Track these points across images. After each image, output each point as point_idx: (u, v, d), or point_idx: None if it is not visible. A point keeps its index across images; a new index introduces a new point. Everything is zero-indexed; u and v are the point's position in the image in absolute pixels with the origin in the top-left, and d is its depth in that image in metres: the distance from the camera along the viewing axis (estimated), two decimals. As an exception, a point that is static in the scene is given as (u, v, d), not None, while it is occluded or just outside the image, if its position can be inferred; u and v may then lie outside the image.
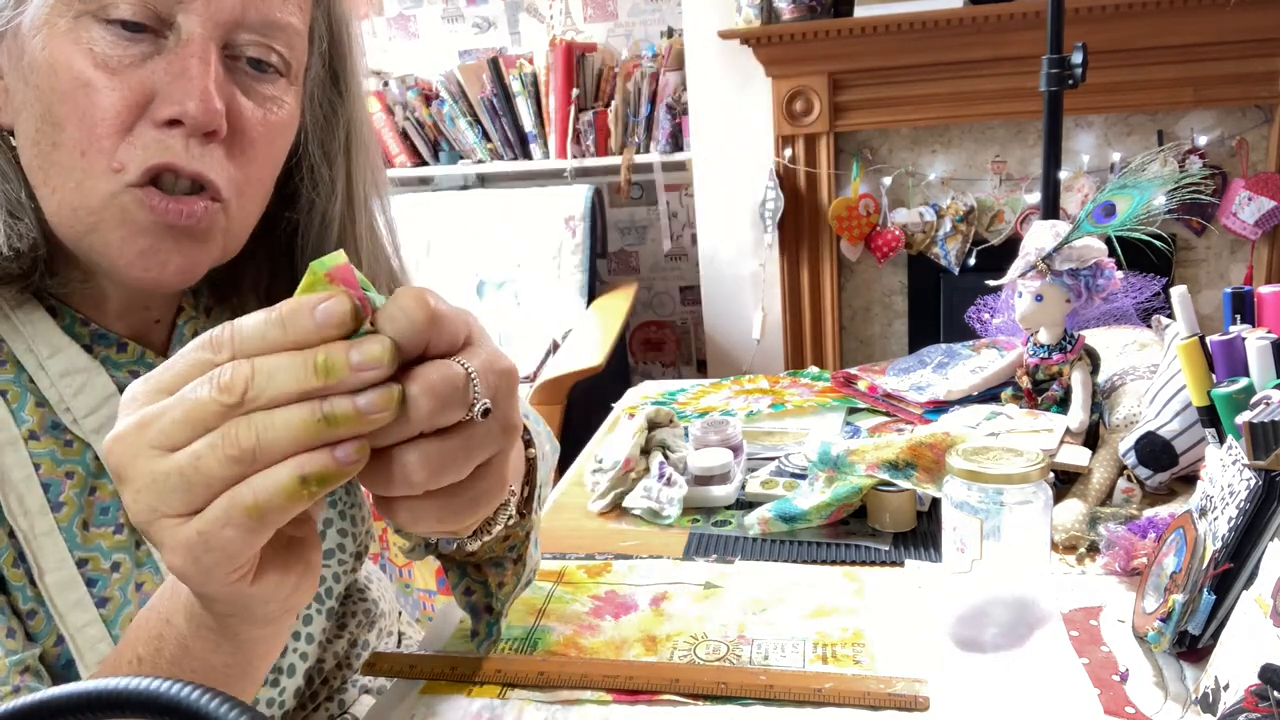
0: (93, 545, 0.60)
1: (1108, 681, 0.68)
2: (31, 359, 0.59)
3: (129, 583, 0.61)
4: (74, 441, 0.60)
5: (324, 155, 0.67)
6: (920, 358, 1.31)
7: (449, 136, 3.17)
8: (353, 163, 0.69)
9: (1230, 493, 0.68)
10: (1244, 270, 2.67)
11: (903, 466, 0.89)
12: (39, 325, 0.60)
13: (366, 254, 0.70)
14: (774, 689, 0.69)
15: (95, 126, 0.54)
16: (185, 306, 0.68)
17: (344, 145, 0.68)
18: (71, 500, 0.59)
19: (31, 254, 0.58)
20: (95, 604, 0.59)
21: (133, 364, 0.64)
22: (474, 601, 0.73)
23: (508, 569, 0.72)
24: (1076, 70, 1.42)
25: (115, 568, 0.60)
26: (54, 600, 0.58)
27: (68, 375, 0.60)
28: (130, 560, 0.61)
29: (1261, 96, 2.48)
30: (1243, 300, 0.83)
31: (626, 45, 3.14)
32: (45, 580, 0.57)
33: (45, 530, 0.58)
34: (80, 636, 0.58)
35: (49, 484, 0.59)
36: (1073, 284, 0.99)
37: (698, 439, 1.09)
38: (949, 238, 2.76)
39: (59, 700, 0.31)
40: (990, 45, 2.52)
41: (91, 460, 0.60)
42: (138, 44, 0.54)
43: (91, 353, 0.62)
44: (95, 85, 0.53)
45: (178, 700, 0.30)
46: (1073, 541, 0.86)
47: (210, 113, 0.54)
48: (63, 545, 0.58)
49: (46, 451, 0.59)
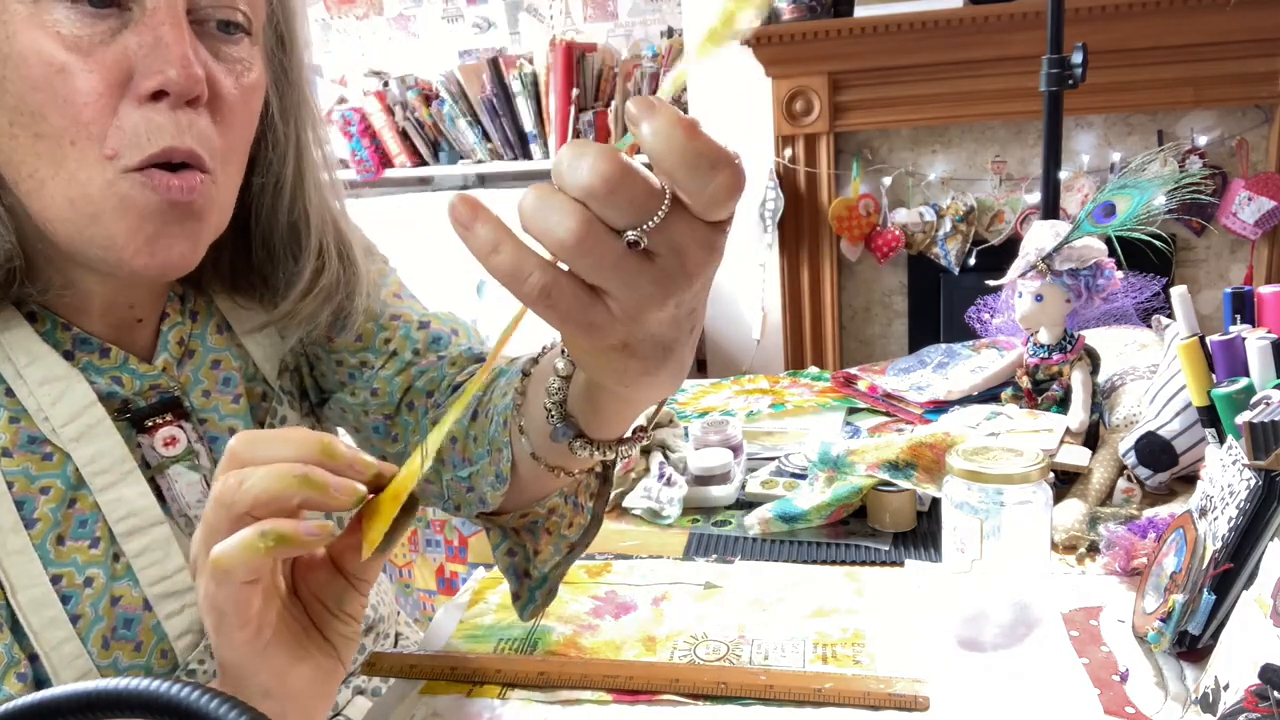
0: (67, 560, 0.59)
1: (1108, 681, 0.68)
2: (9, 368, 0.58)
3: (103, 597, 0.60)
4: (54, 453, 0.59)
5: (281, 115, 0.66)
6: (920, 358, 1.31)
7: (449, 136, 3.17)
8: (301, 120, 0.67)
9: (1230, 493, 0.68)
10: (1244, 270, 2.67)
11: (903, 466, 0.89)
12: (16, 333, 0.59)
13: (315, 209, 0.68)
14: (774, 689, 0.69)
15: (80, 112, 0.52)
16: (170, 312, 0.67)
17: (296, 102, 0.67)
18: (46, 516, 0.58)
19: (6, 265, 0.56)
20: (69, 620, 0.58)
21: (115, 370, 0.62)
22: (515, 563, 0.71)
23: (542, 538, 0.69)
24: (1076, 70, 1.42)
25: (88, 583, 0.59)
26: (28, 618, 0.57)
27: (46, 384, 0.59)
28: (105, 574, 0.60)
29: (1261, 96, 2.48)
30: (1243, 300, 0.83)
31: (626, 45, 3.14)
32: (18, 598, 0.57)
33: (18, 548, 0.57)
34: (55, 655, 0.58)
35: (23, 501, 0.57)
36: (1073, 284, 0.99)
37: (698, 439, 1.09)
38: (949, 238, 2.76)
39: (59, 700, 0.31)
40: (990, 45, 2.51)
41: (71, 472, 0.59)
42: (104, 19, 0.52)
43: (72, 359, 0.61)
44: (70, 69, 0.51)
45: (178, 700, 0.30)
46: (1073, 541, 0.86)
47: (193, 78, 0.53)
48: (36, 563, 0.57)
49: (20, 469, 0.58)
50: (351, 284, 0.70)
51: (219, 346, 0.69)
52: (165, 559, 0.62)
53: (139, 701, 0.30)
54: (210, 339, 0.69)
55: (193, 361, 0.67)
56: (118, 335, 0.64)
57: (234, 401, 0.68)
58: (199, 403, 0.67)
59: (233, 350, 0.70)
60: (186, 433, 0.65)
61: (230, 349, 0.70)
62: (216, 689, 0.30)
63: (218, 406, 0.68)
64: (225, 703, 0.30)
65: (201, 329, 0.69)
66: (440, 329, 0.77)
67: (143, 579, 0.61)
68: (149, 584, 0.61)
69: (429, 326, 0.77)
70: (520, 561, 0.70)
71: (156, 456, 0.63)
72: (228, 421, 0.68)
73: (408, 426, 0.74)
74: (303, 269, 0.67)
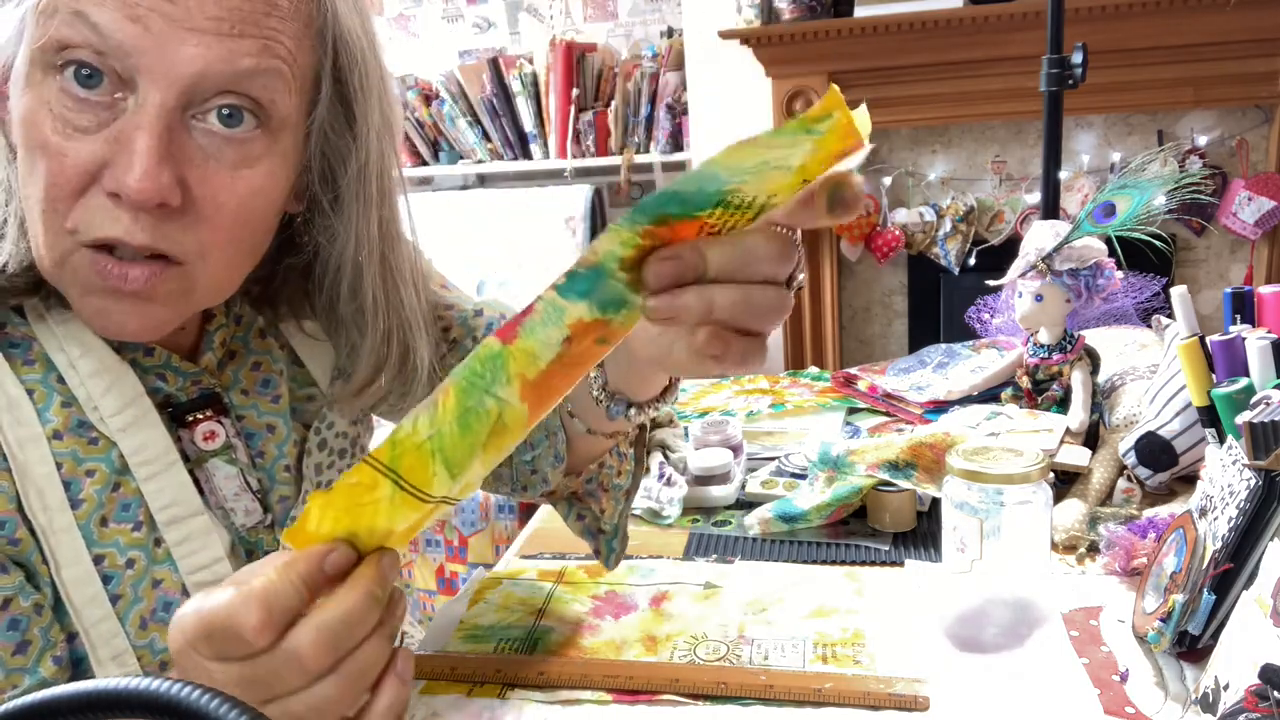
0: (109, 541, 0.60)
1: (1108, 681, 0.68)
2: (63, 357, 0.60)
3: (143, 579, 0.61)
4: (99, 439, 0.61)
5: (335, 201, 0.62)
6: (920, 358, 1.31)
7: (449, 136, 3.17)
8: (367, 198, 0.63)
9: (1230, 493, 0.68)
10: (1244, 270, 2.67)
11: (903, 466, 0.89)
12: (71, 325, 0.60)
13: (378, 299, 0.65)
14: (774, 689, 0.69)
15: (52, 189, 0.53)
16: (216, 314, 0.68)
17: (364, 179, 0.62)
18: (91, 497, 0.60)
19: (27, 274, 0.58)
20: (109, 600, 0.60)
21: (160, 368, 0.64)
22: (587, 525, 0.79)
23: (602, 496, 0.78)
24: (1076, 70, 1.42)
25: (130, 564, 0.61)
26: (70, 595, 0.59)
27: (97, 374, 0.60)
28: (145, 557, 0.61)
29: (1261, 96, 2.48)
30: (1243, 300, 0.83)
31: (626, 45, 3.14)
32: (62, 575, 0.58)
33: (64, 526, 0.58)
34: (94, 631, 0.59)
35: (70, 482, 0.59)
36: (1073, 284, 1.00)
37: (698, 439, 1.09)
38: (949, 238, 2.76)
39: (59, 700, 0.31)
40: (990, 45, 2.51)
41: (116, 458, 0.61)
42: (94, 110, 0.52)
43: (120, 353, 0.62)
44: (51, 150, 0.53)
45: (178, 700, 0.30)
46: (1073, 541, 0.86)
47: (146, 191, 0.52)
48: (80, 541, 0.59)
49: (69, 451, 0.59)
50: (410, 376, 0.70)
51: (261, 350, 0.71)
52: (204, 548, 0.63)
53: (139, 701, 0.30)
54: (254, 343, 0.71)
55: (234, 362, 0.69)
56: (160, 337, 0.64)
57: (273, 401, 0.70)
58: (238, 400, 0.68)
59: (274, 354, 0.71)
60: (225, 428, 0.66)
61: (271, 353, 0.71)
62: (216, 689, 0.30)
63: (256, 405, 0.69)
64: (225, 703, 0.30)
65: (245, 332, 0.70)
66: (492, 314, 0.82)
67: (182, 567, 0.63)
68: (188, 572, 0.63)
69: (482, 314, 0.81)
70: (591, 523, 0.79)
71: (196, 450, 0.65)
72: (265, 419, 0.69)
73: None
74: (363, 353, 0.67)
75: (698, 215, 0.40)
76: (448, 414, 0.42)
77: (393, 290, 0.66)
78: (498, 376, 0.41)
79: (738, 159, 0.38)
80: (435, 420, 0.42)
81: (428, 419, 0.42)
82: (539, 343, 0.41)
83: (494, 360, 0.41)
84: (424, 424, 0.42)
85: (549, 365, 0.42)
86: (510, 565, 0.93)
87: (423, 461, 0.42)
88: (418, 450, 0.42)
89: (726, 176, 0.39)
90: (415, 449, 0.42)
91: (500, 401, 0.42)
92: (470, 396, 0.41)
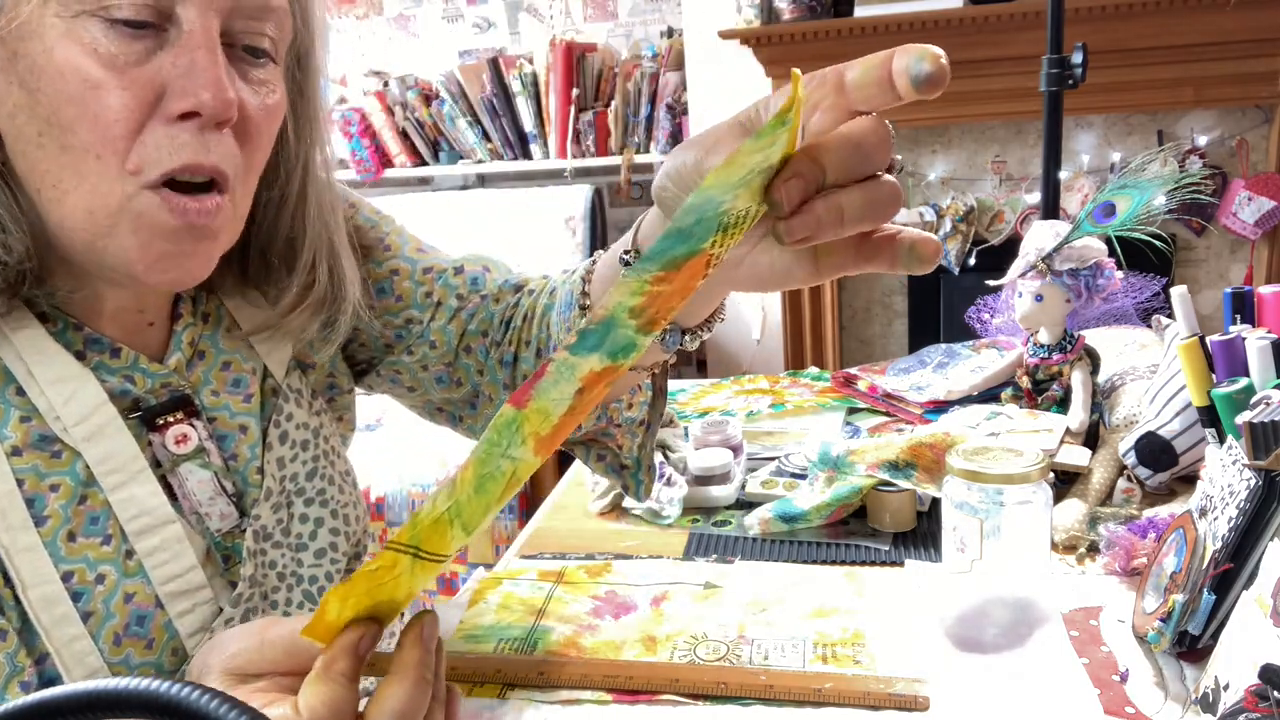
0: (78, 557, 0.59)
1: (1108, 681, 0.68)
2: (21, 366, 0.59)
3: (115, 594, 0.60)
4: (63, 451, 0.59)
5: (295, 133, 0.67)
6: (920, 358, 1.31)
7: (449, 136, 3.17)
8: (311, 138, 0.68)
9: (1230, 493, 0.68)
10: (1244, 270, 2.67)
11: (903, 466, 0.89)
12: (28, 332, 0.59)
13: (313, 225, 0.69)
14: (774, 689, 0.69)
15: (109, 128, 0.53)
16: (184, 314, 0.67)
17: (309, 120, 0.68)
18: (57, 513, 0.58)
19: (18, 266, 0.57)
20: (80, 618, 0.58)
21: (126, 370, 0.63)
22: (609, 463, 0.78)
23: (614, 433, 0.76)
24: (1076, 70, 1.42)
25: (100, 580, 0.59)
26: (38, 616, 0.57)
27: (57, 383, 0.59)
28: (117, 571, 0.60)
29: (1261, 96, 2.48)
30: (1243, 300, 0.83)
31: (626, 45, 3.14)
32: (29, 595, 0.57)
33: (27, 545, 0.57)
34: (66, 651, 0.58)
35: (32, 499, 0.58)
36: (1073, 284, 1.00)
37: (698, 439, 1.09)
38: (949, 238, 2.76)
39: (59, 700, 0.31)
40: (990, 45, 2.51)
41: (81, 469, 0.59)
42: (140, 39, 0.54)
43: (84, 359, 0.61)
44: (105, 86, 0.53)
45: (178, 700, 0.30)
46: (1073, 541, 0.86)
47: (226, 102, 0.54)
48: (46, 559, 0.57)
49: (30, 466, 0.58)
50: (340, 298, 0.71)
51: (230, 349, 0.70)
52: (177, 558, 0.62)
53: (139, 701, 0.30)
54: (222, 342, 0.70)
55: (204, 363, 0.68)
56: (128, 337, 0.64)
57: (245, 401, 0.69)
58: (209, 401, 0.67)
59: (243, 353, 0.70)
60: (198, 430, 0.65)
61: (240, 351, 0.70)
62: (216, 689, 0.30)
63: (228, 405, 0.68)
64: (225, 703, 0.30)
65: (213, 331, 0.69)
66: (474, 269, 0.81)
67: (154, 577, 0.61)
68: (161, 582, 0.61)
69: (463, 270, 0.81)
70: (612, 460, 0.78)
71: (168, 455, 0.64)
72: (238, 420, 0.68)
73: (469, 369, 0.79)
74: (292, 283, 0.69)
75: (702, 249, 0.40)
76: (465, 486, 0.42)
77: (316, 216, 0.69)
78: (513, 440, 0.42)
79: (725, 176, 0.39)
80: (453, 494, 0.42)
81: (446, 494, 0.42)
82: (551, 401, 0.42)
83: (509, 427, 0.42)
84: (442, 499, 0.42)
85: (561, 418, 0.42)
86: (510, 565, 0.93)
87: (440, 531, 0.43)
88: (436, 523, 0.43)
89: (720, 196, 0.39)
90: (434, 523, 0.43)
91: (515, 461, 0.42)
92: (487, 465, 0.42)
